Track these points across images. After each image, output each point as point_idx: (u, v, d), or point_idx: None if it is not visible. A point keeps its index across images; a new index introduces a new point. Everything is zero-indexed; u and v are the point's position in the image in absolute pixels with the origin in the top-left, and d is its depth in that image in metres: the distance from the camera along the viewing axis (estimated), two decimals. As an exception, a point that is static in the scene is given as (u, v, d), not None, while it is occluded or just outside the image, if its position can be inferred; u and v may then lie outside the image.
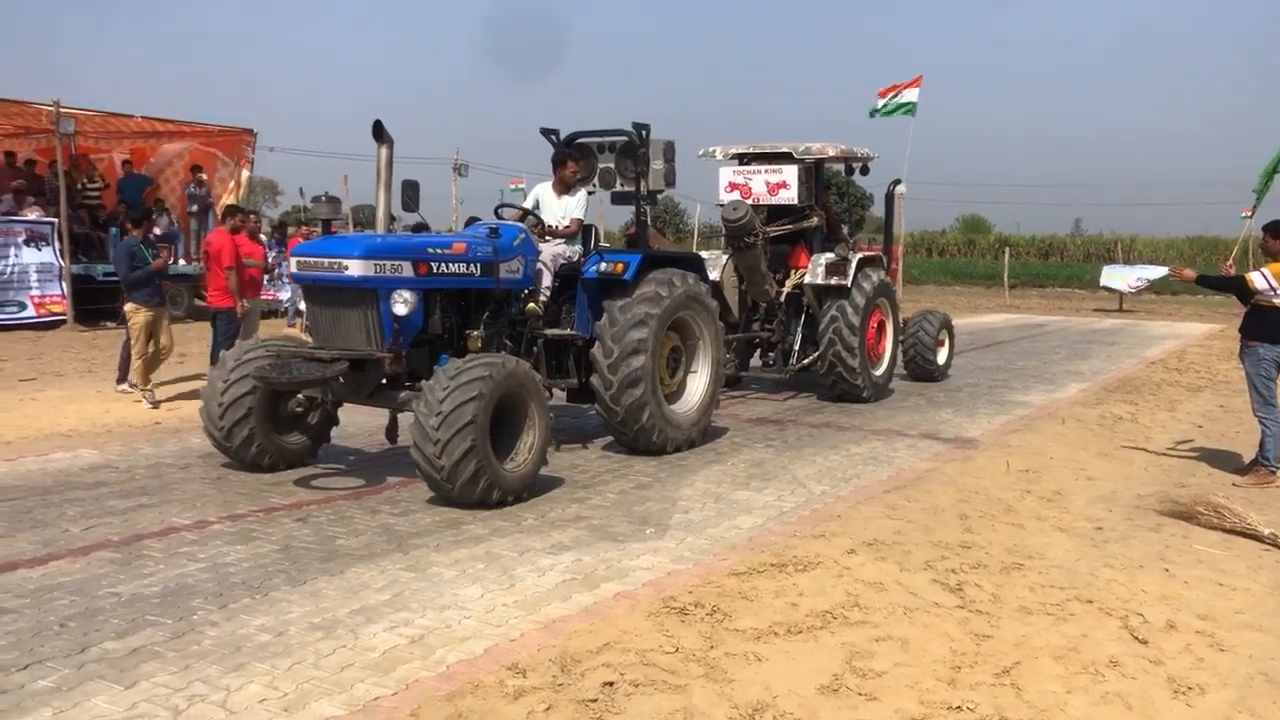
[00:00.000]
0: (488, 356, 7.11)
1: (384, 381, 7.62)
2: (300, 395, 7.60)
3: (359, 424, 9.37)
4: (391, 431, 8.09)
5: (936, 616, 5.18)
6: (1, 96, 18.05)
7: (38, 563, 5.68)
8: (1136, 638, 4.97)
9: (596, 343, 8.49)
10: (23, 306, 17.33)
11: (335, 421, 8.32)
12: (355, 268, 7.15)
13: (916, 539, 6.49)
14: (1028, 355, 17.66)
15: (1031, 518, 7.10)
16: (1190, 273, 9.22)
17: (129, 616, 4.92)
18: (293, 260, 7.76)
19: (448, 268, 7.69)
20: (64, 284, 17.60)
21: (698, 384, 9.36)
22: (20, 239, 17.38)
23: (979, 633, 4.98)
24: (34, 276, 17.47)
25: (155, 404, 10.65)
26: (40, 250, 17.57)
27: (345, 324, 7.48)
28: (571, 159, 9.30)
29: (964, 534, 6.64)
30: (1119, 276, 30.59)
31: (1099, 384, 14.07)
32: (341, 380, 7.44)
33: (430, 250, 7.63)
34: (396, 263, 7.33)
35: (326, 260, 7.30)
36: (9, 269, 17.17)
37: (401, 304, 7.23)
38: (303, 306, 8.11)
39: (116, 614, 4.95)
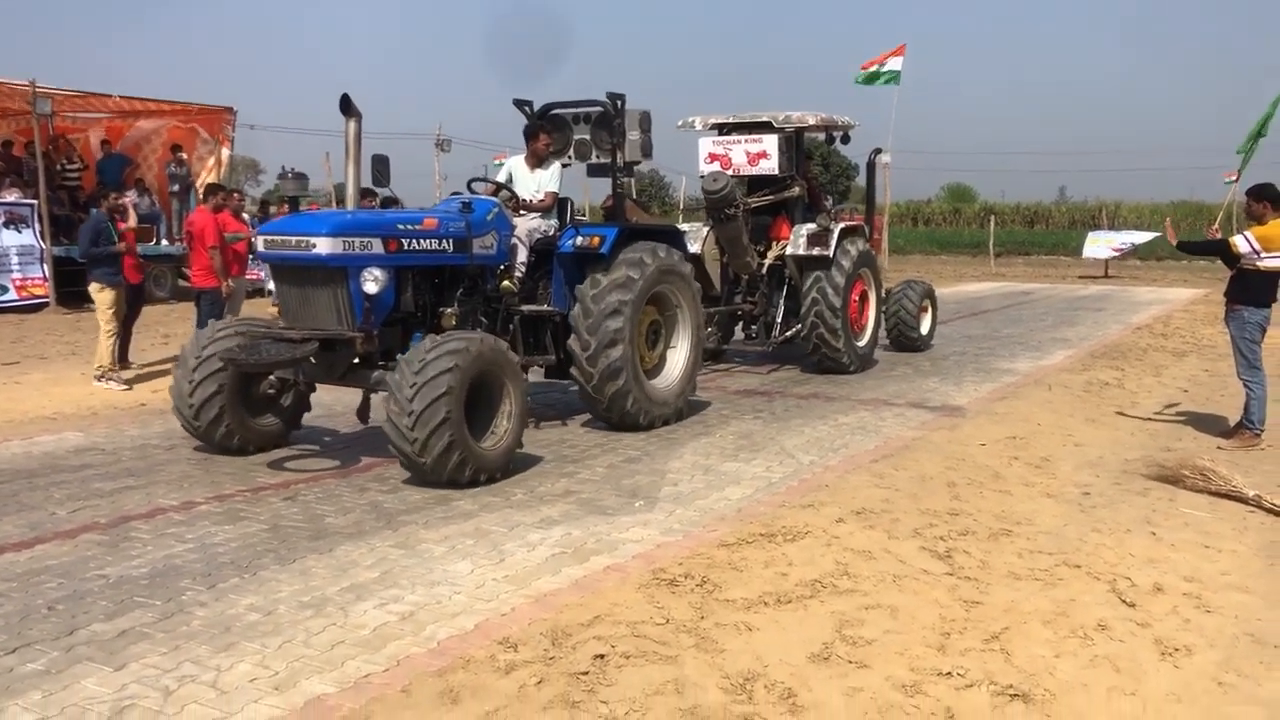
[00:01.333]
0: (460, 334, 7.00)
1: (356, 361, 7.48)
2: (272, 377, 7.48)
3: (344, 402, 9.33)
4: (363, 412, 7.95)
5: (925, 584, 5.21)
6: (-24, 77, 17.81)
7: (24, 546, 5.65)
8: (1124, 601, 5.01)
9: (573, 334, 8.39)
10: (4, 290, 17.19)
11: (308, 404, 8.23)
12: (324, 245, 7.01)
13: (905, 507, 6.51)
14: (1014, 323, 17.70)
15: (1019, 484, 7.13)
16: (1172, 235, 9.26)
17: (117, 598, 4.90)
18: (260, 239, 7.62)
19: (419, 244, 7.58)
20: (45, 266, 17.46)
21: (678, 357, 9.30)
22: (0, 222, 17.21)
23: (968, 599, 5.00)
24: (14, 259, 17.32)
25: (128, 385, 10.57)
26: (20, 232, 17.42)
27: (315, 303, 7.32)
28: (544, 131, 9.21)
29: (952, 501, 6.67)
30: (1102, 241, 30.67)
31: (1085, 350, 14.12)
32: (312, 361, 7.29)
33: (401, 227, 7.54)
34: (366, 240, 7.19)
35: (294, 238, 7.16)
36: (-11, 252, 17.02)
37: (372, 282, 7.06)
38: (273, 286, 7.99)
39: (105, 596, 4.93)
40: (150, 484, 6.95)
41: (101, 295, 10.76)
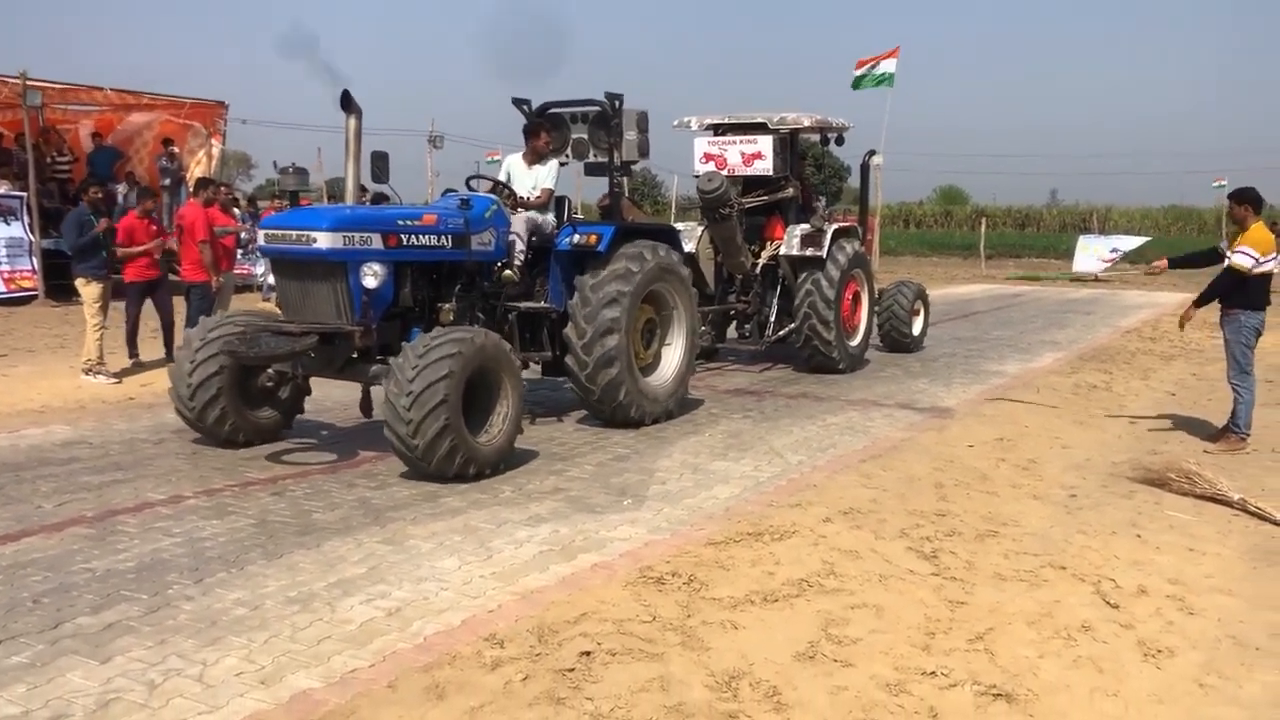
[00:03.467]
0: (457, 331, 7.02)
1: (355, 355, 7.53)
2: (270, 370, 7.49)
3: (335, 398, 9.32)
4: (365, 405, 8.04)
5: (911, 584, 5.23)
6: (-34, 69, 17.70)
7: (10, 539, 5.64)
8: (1108, 602, 5.03)
9: (570, 323, 8.43)
10: (-8, 282, 17.10)
11: (307, 395, 8.25)
12: (324, 240, 7.06)
13: (892, 507, 6.53)
14: (1004, 325, 17.75)
15: (1006, 486, 7.16)
16: (1161, 262, 9.14)
17: (103, 592, 4.89)
18: (261, 233, 7.67)
19: (418, 240, 7.63)
20: (34, 259, 17.37)
21: (673, 355, 9.33)
22: (-12, 213, 17.13)
23: (953, 599, 5.03)
24: (3, 252, 17.19)
25: (117, 379, 10.55)
26: (9, 225, 17.31)
27: (314, 297, 7.38)
28: (543, 129, 9.23)
29: (939, 502, 6.69)
30: (1091, 249, 30.74)
31: (1074, 353, 14.17)
32: (311, 354, 7.31)
33: (400, 222, 7.57)
34: (366, 235, 7.25)
35: (295, 232, 7.21)
36: (-23, 244, 16.92)
37: (371, 276, 7.13)
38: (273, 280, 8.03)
39: (91, 589, 4.92)
40: (138, 478, 6.94)
41: (88, 289, 10.73)
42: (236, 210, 12.54)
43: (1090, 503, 6.79)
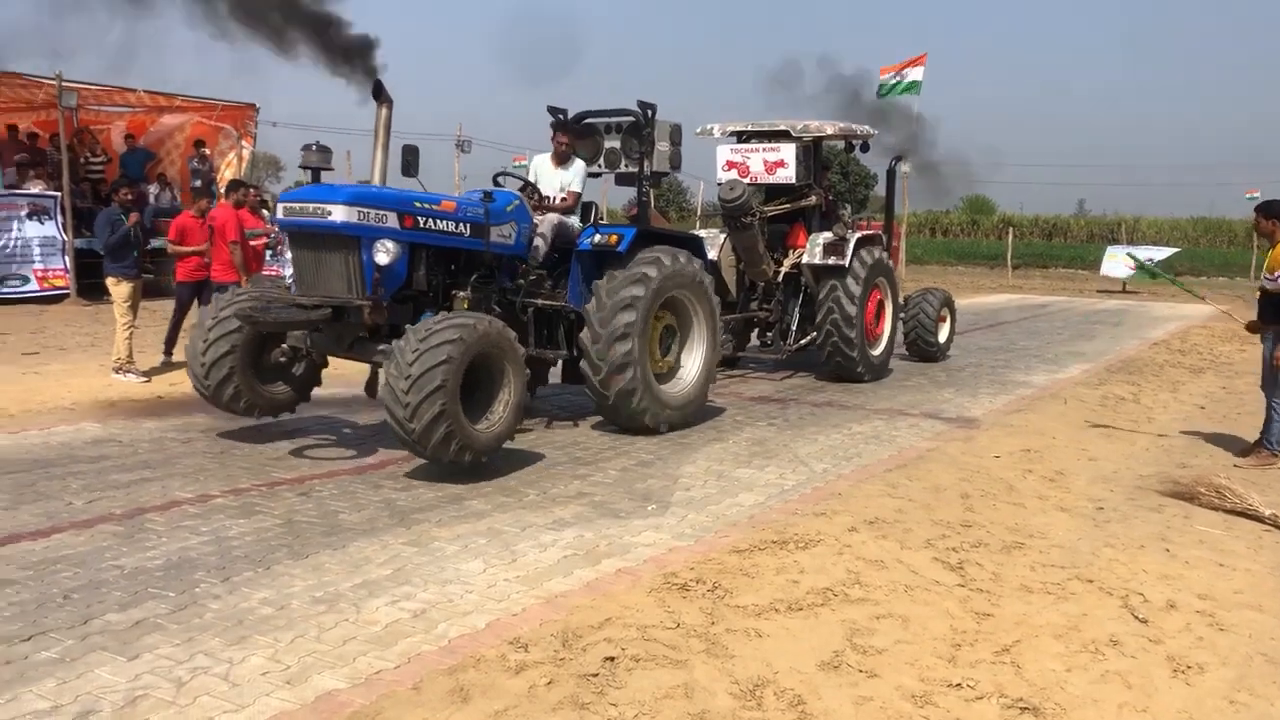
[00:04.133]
0: (460, 316, 7.02)
1: (364, 334, 7.61)
2: (284, 345, 7.68)
3: (362, 399, 9.35)
4: (371, 386, 8.09)
5: (937, 594, 5.20)
6: (6, 71, 17.91)
7: (41, 535, 5.69)
8: (1137, 617, 4.99)
9: (585, 326, 8.45)
10: (26, 280, 17.28)
11: (319, 377, 8.42)
12: (339, 213, 7.19)
13: (918, 517, 6.50)
14: (1031, 335, 17.65)
15: (1033, 497, 7.11)
16: (1251, 322, 8.66)
17: (132, 589, 4.93)
18: (279, 206, 7.83)
19: (435, 224, 7.73)
20: (66, 258, 17.56)
21: (692, 364, 9.30)
22: (23, 213, 17.30)
23: (979, 611, 5.00)
24: (37, 250, 17.41)
25: (146, 378, 10.64)
26: (43, 224, 17.51)
27: (327, 270, 7.51)
28: (562, 131, 9.29)
29: (965, 513, 6.65)
30: (1120, 258, 30.49)
31: (1102, 364, 14.07)
32: (321, 330, 7.50)
33: (417, 204, 7.68)
34: (381, 212, 7.38)
35: (311, 205, 7.34)
36: (12, 243, 17.10)
37: (383, 253, 7.24)
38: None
39: (119, 586, 4.96)
40: (166, 476, 6.99)
41: (118, 288, 10.84)
42: (265, 212, 12.60)
43: (1118, 516, 6.74)
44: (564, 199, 9.07)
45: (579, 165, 9.26)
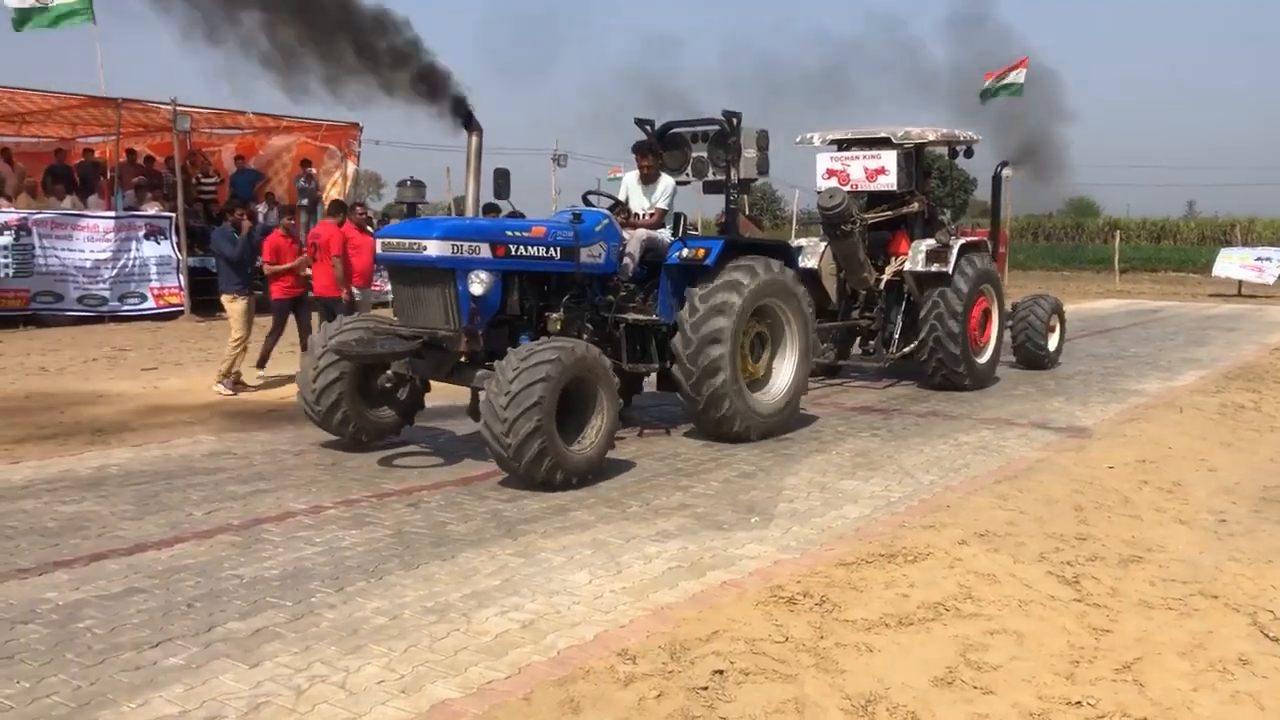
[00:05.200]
0: (559, 340, 7.27)
1: (463, 360, 7.79)
2: (389, 371, 7.94)
3: (464, 419, 9.49)
4: (473, 410, 8.24)
5: (1052, 609, 5.06)
6: (126, 98, 18.70)
7: (165, 545, 5.90)
8: (1267, 635, 4.79)
9: (678, 333, 8.49)
10: (143, 298, 18.00)
11: (423, 400, 8.59)
12: (433, 248, 7.43)
13: (1030, 530, 6.34)
14: (1141, 342, 17.11)
15: (1150, 509, 6.88)
16: None
17: (251, 598, 5.08)
18: (378, 242, 8.11)
19: (526, 250, 7.89)
20: (181, 276, 18.23)
21: (784, 372, 9.25)
22: (141, 233, 18.04)
23: (1098, 627, 4.85)
24: (153, 269, 18.12)
25: (235, 391, 10.95)
26: (159, 244, 18.22)
27: (425, 303, 7.78)
28: (645, 152, 9.37)
29: (1079, 525, 6.47)
30: (1235, 259, 29.34)
31: (1218, 371, 13.55)
32: (422, 358, 7.74)
33: (509, 233, 7.86)
34: (474, 244, 7.58)
35: (408, 241, 7.62)
36: (131, 262, 17.84)
37: (478, 284, 7.42)
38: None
39: (239, 595, 5.12)
40: (280, 488, 7.20)
41: (234, 305, 11.21)
42: (370, 229, 12.91)
43: (1242, 529, 6.48)
44: (650, 215, 9.15)
45: (665, 182, 9.34)
